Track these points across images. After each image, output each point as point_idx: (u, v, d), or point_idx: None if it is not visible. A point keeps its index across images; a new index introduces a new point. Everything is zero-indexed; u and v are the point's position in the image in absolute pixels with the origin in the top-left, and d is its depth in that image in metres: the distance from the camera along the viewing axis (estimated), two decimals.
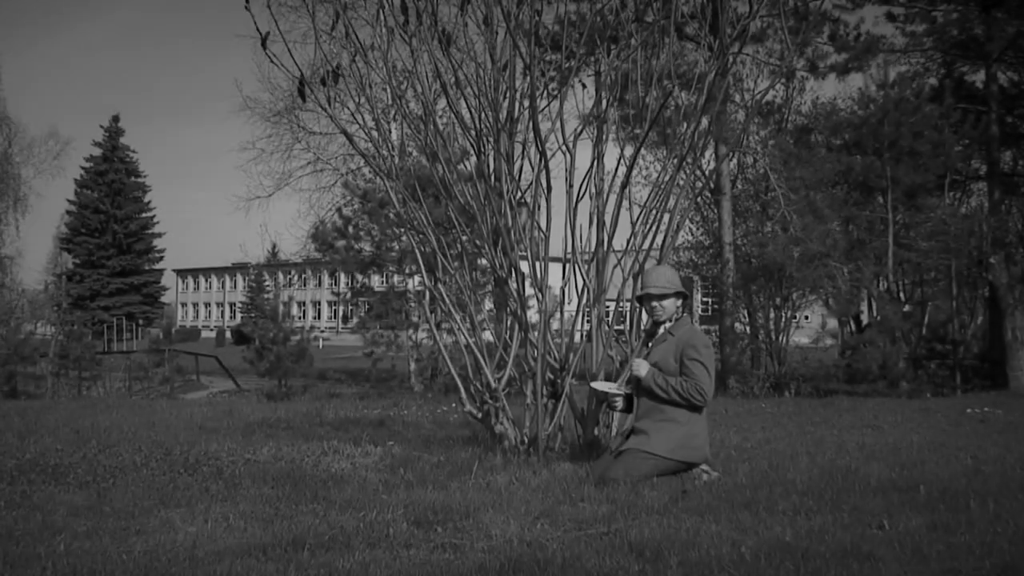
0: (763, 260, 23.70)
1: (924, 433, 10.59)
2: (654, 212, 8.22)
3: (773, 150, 26.50)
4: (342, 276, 44.47)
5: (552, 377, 8.08)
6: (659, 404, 6.94)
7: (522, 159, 8.50)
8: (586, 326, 8.35)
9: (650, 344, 7.27)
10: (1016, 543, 4.73)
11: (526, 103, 8.10)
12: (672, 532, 5.03)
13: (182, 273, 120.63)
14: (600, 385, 7.53)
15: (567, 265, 8.30)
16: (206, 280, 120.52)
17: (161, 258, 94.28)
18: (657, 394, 6.91)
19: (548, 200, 8.17)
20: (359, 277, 31.21)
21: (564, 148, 8.33)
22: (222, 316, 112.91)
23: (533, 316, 8.41)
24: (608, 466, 6.87)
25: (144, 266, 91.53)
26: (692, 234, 29.37)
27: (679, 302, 7.19)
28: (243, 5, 7.26)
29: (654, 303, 7.18)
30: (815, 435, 10.31)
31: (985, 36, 25.78)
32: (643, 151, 7.35)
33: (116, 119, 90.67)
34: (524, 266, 8.33)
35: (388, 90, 8.38)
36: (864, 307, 26.22)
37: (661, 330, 7.19)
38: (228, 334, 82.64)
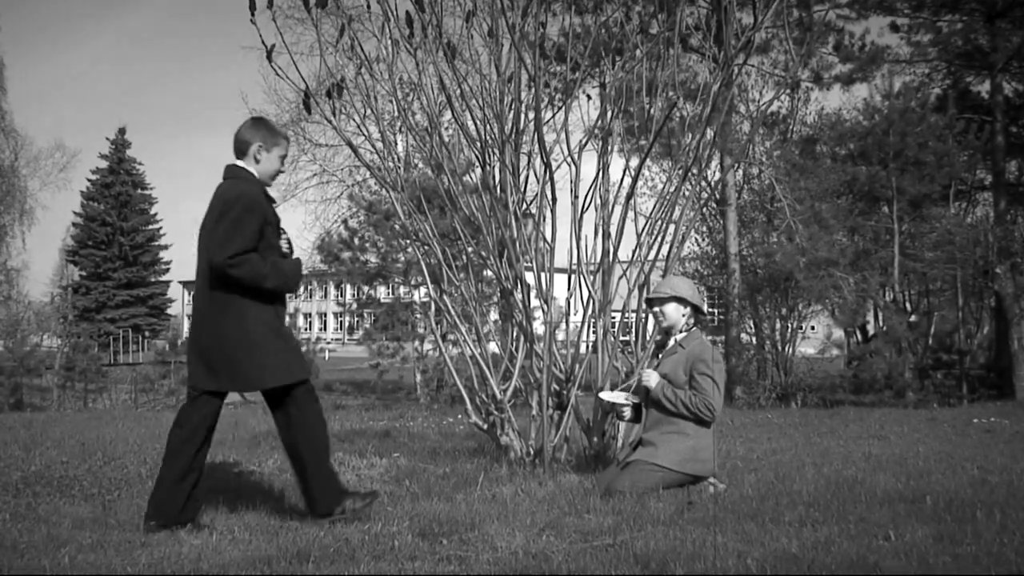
0: (769, 270, 23.69)
1: (930, 443, 10.58)
2: (659, 223, 8.22)
3: (778, 161, 26.49)
4: (348, 287, 44.44)
5: (558, 388, 8.08)
6: (667, 416, 6.93)
7: (527, 171, 8.52)
8: (592, 337, 8.35)
9: (660, 355, 7.27)
10: (1023, 554, 4.72)
11: (531, 115, 8.12)
12: (678, 544, 5.02)
13: (188, 285, 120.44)
14: (608, 395, 7.49)
15: (572, 276, 8.30)
16: None
17: (167, 270, 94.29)
18: (665, 406, 6.90)
19: (553, 211, 8.19)
20: (365, 288, 31.21)
21: (569, 159, 8.34)
22: None
23: (539, 327, 8.42)
24: (614, 478, 6.86)
25: (150, 278, 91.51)
26: (698, 245, 29.33)
27: (685, 311, 7.13)
28: (248, 18, 7.28)
29: (655, 308, 7.19)
30: (821, 446, 10.30)
31: (990, 46, 25.80)
32: (648, 162, 7.34)
33: (123, 131, 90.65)
34: (529, 277, 8.33)
35: (393, 102, 8.37)
36: (870, 317, 26.20)
37: (671, 342, 7.18)
38: None
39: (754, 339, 24.88)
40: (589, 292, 8.24)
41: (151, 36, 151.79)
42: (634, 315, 8.21)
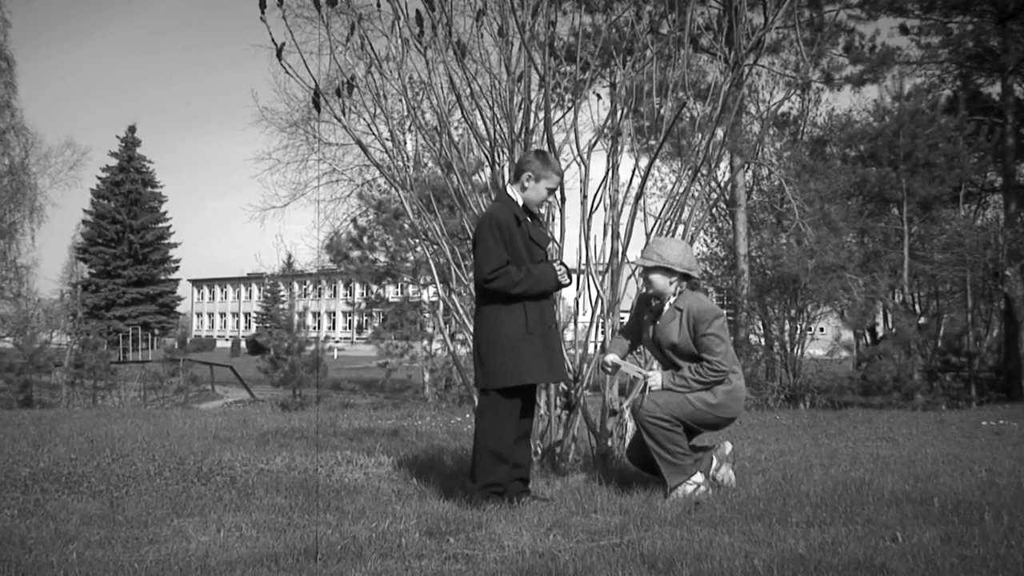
0: (778, 272, 23.66)
1: (939, 445, 10.56)
2: (668, 223, 8.21)
3: (788, 162, 26.46)
4: (357, 286, 44.49)
5: (566, 388, 8.07)
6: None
7: None
8: (600, 337, 8.35)
9: (656, 322, 7.05)
10: None
11: (541, 114, 8.11)
12: (685, 544, 5.02)
13: (197, 283, 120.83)
14: (623, 364, 7.30)
15: (581, 276, 8.29)
16: (221, 290, 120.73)
17: (176, 268, 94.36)
18: (681, 393, 6.79)
19: (562, 211, 8.18)
20: (374, 288, 31.24)
21: (579, 159, 8.33)
22: (237, 326, 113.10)
23: None
24: (640, 403, 6.85)
25: (160, 276, 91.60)
26: (707, 245, 29.35)
27: (673, 279, 6.96)
28: (259, 16, 7.29)
29: (640, 272, 7.14)
30: (829, 447, 10.29)
31: (1001, 48, 25.74)
32: (658, 162, 7.33)
33: (132, 129, 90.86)
34: None
35: (403, 101, 8.38)
36: (879, 319, 26.17)
37: (667, 307, 6.99)
38: (243, 344, 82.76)
39: (763, 340, 24.83)
40: (598, 292, 8.23)
41: (161, 34, 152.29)
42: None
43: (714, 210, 27.83)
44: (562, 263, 6.82)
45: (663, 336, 6.96)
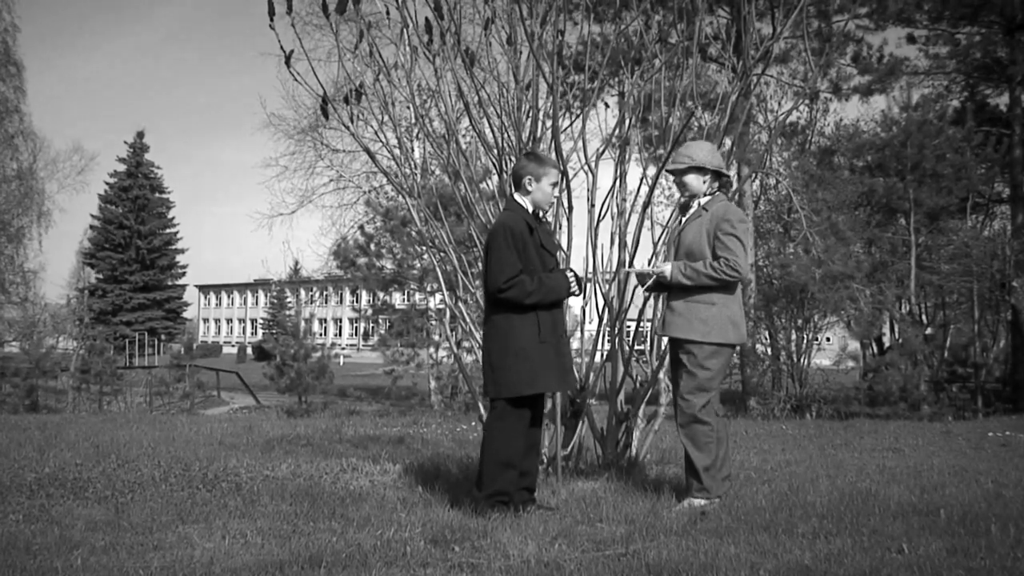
0: (785, 281, 23.64)
1: (945, 457, 10.54)
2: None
3: (796, 171, 26.47)
4: (363, 293, 44.54)
5: (572, 396, 8.05)
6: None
7: None
8: (606, 345, 8.34)
9: (682, 219, 7.03)
10: None
11: (548, 123, 8.11)
12: (690, 554, 5.00)
13: (204, 289, 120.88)
14: (635, 268, 7.22)
15: (588, 284, 8.28)
16: (228, 296, 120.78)
17: (183, 274, 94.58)
18: (687, 285, 6.67)
19: (570, 219, 8.17)
20: (380, 294, 31.24)
21: (586, 168, 8.33)
22: (244, 332, 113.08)
23: None
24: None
25: (167, 281, 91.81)
26: None
27: (706, 177, 6.86)
28: (268, 23, 7.30)
29: (673, 180, 7.06)
30: (835, 458, 10.27)
31: (1009, 59, 25.75)
32: (665, 171, 7.31)
33: (141, 135, 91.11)
34: None
35: (411, 109, 8.38)
36: (886, 329, 26.13)
37: (695, 205, 6.91)
38: (249, 350, 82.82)
39: (769, 350, 24.81)
40: (604, 301, 8.23)
41: (170, 40, 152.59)
42: (649, 324, 8.17)
43: None
44: (572, 271, 6.77)
45: (683, 233, 6.88)
